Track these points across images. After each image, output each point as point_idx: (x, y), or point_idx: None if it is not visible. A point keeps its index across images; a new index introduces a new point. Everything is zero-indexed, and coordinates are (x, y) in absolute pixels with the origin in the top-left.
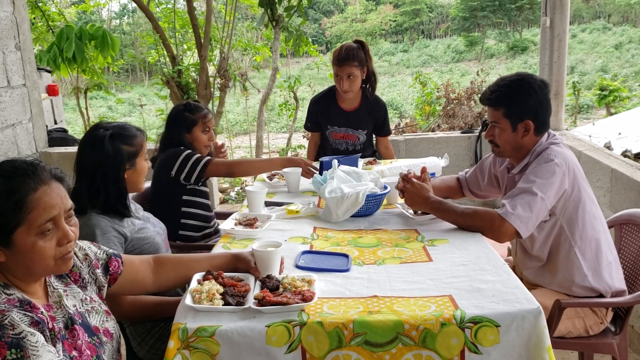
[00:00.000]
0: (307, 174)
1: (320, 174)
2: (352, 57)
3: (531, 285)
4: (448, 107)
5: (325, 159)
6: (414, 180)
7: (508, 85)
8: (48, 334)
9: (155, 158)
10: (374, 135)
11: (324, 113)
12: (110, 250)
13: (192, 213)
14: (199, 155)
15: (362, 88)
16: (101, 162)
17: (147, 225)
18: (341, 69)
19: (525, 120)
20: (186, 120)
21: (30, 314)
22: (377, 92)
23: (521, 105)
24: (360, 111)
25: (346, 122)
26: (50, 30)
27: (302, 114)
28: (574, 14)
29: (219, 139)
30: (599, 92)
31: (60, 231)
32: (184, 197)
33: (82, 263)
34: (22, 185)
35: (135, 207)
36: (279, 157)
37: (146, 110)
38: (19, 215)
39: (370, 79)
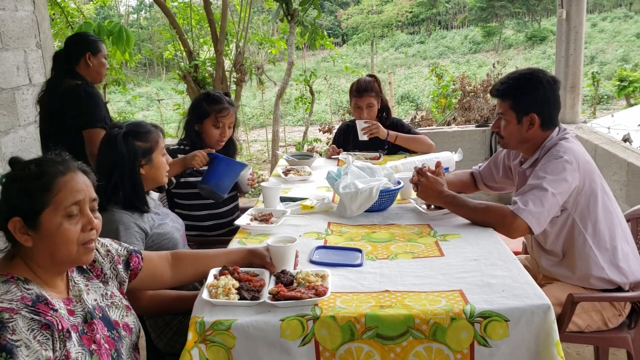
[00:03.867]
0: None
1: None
2: (370, 88)
3: (549, 279)
4: (464, 100)
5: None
6: (429, 174)
7: (517, 78)
8: (57, 336)
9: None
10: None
11: (346, 140)
12: (131, 247)
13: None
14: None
15: (378, 117)
16: (116, 160)
17: (167, 221)
18: (361, 99)
19: (531, 114)
20: (200, 109)
21: (38, 317)
22: (394, 84)
23: (527, 98)
24: (378, 137)
25: (364, 148)
26: (70, 27)
27: (318, 107)
28: (594, 2)
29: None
30: (618, 82)
31: (84, 217)
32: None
33: (104, 259)
34: (50, 169)
35: (155, 204)
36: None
37: (164, 105)
38: (47, 196)
39: (384, 109)
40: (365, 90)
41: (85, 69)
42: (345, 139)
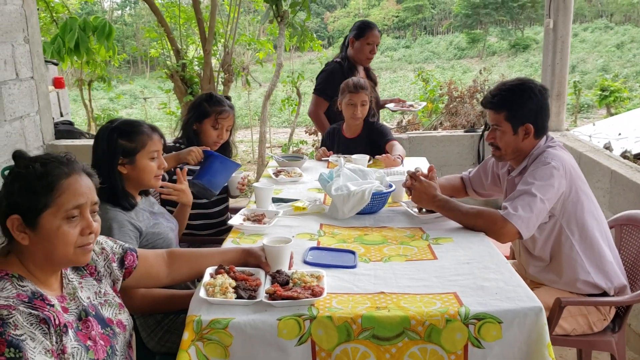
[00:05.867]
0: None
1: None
2: (364, 86)
3: (536, 284)
4: (451, 105)
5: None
6: (422, 178)
7: (510, 89)
8: (53, 331)
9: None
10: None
11: (332, 141)
12: (126, 245)
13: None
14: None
15: (365, 120)
16: (97, 155)
17: (161, 220)
18: (357, 95)
19: (526, 124)
20: (201, 109)
21: (36, 312)
22: (379, 88)
23: (522, 108)
24: (361, 138)
25: (346, 149)
26: (54, 22)
27: (304, 108)
28: (576, 13)
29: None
30: (599, 92)
31: (84, 221)
32: None
33: (98, 257)
34: (55, 170)
35: (150, 202)
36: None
37: (149, 103)
38: (49, 197)
39: (372, 111)
40: (362, 87)
41: (351, 51)
42: (332, 142)
